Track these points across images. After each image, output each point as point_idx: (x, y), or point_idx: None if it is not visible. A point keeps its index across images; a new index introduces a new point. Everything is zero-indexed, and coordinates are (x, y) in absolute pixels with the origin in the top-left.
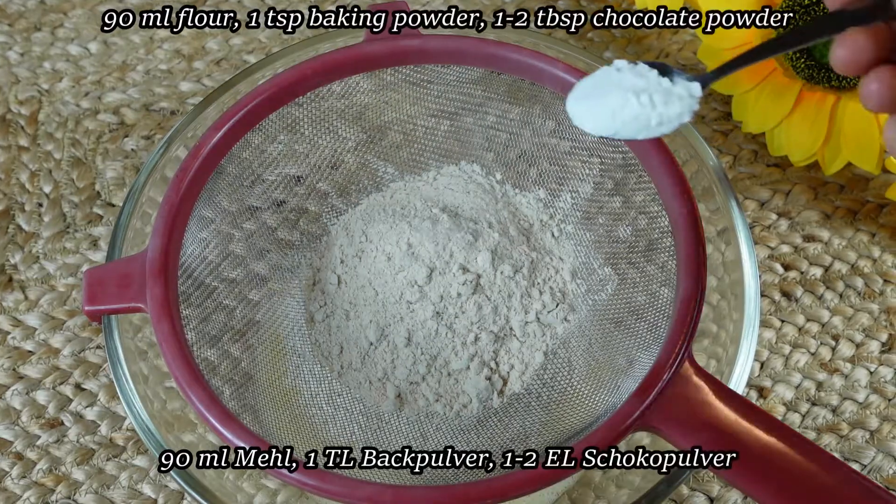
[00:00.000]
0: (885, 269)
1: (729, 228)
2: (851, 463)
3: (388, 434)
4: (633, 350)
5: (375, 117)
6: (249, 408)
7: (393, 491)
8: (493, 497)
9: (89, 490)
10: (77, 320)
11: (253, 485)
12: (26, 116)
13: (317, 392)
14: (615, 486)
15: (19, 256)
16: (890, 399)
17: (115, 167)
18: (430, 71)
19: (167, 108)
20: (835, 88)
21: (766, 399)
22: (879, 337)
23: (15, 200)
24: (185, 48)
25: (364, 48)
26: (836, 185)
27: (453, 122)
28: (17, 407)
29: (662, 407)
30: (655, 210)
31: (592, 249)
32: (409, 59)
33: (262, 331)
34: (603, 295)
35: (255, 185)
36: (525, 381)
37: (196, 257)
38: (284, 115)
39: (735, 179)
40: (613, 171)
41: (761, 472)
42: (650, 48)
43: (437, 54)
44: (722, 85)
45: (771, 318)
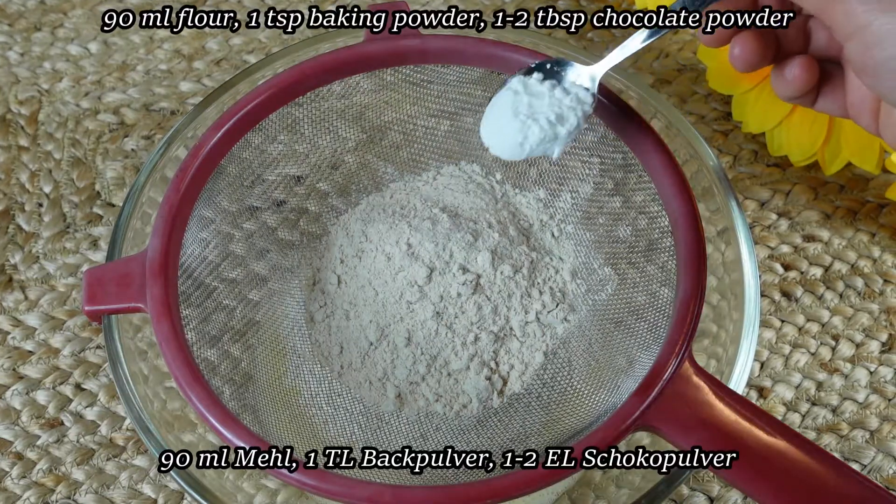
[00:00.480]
0: (885, 269)
1: (729, 228)
2: (851, 463)
3: (388, 434)
4: (633, 350)
5: (375, 117)
6: (249, 408)
7: (393, 491)
8: (493, 497)
9: (89, 490)
10: (77, 320)
11: (253, 485)
12: (26, 116)
13: (317, 392)
14: (615, 486)
15: (19, 256)
16: (890, 399)
17: (115, 167)
18: (430, 71)
19: (167, 108)
20: None
21: (766, 399)
22: (879, 337)
23: (15, 200)
24: (185, 48)
25: (364, 48)
26: (836, 185)
27: (453, 122)
28: (17, 407)
29: (662, 407)
30: (655, 210)
31: (592, 249)
32: (409, 59)
33: (262, 331)
34: (603, 295)
35: (255, 185)
36: (525, 381)
37: (196, 257)
38: (284, 115)
39: (735, 179)
40: (613, 171)
41: (761, 472)
42: (650, 48)
43: (437, 54)
44: (722, 85)
45: (771, 318)
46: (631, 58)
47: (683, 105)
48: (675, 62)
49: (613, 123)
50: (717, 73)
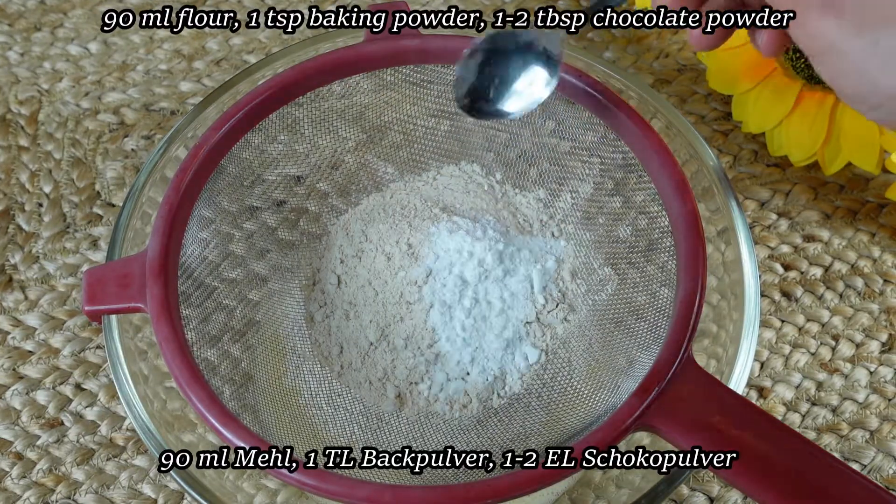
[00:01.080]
0: (885, 269)
1: (729, 228)
2: (851, 463)
3: (388, 434)
4: (633, 350)
5: (375, 117)
6: (249, 408)
7: (393, 491)
8: (493, 497)
9: (89, 490)
10: (77, 320)
11: (253, 485)
12: (26, 116)
13: (317, 392)
14: (615, 486)
15: (19, 256)
16: (890, 399)
17: (115, 167)
18: (430, 71)
19: (167, 108)
20: None
21: (766, 399)
22: (879, 337)
23: (15, 200)
24: (185, 48)
25: (364, 48)
26: (836, 185)
27: (453, 122)
28: (17, 407)
29: (662, 407)
30: (655, 210)
31: (592, 249)
32: (409, 59)
33: (262, 331)
34: (603, 295)
35: (255, 185)
36: (525, 382)
37: (196, 257)
38: (284, 115)
39: (735, 179)
40: (613, 171)
41: (761, 472)
42: (650, 48)
43: (437, 54)
44: (722, 85)
45: (771, 318)
46: (631, 57)
47: (683, 105)
48: (675, 62)
49: (613, 123)
50: (717, 73)
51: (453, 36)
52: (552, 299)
